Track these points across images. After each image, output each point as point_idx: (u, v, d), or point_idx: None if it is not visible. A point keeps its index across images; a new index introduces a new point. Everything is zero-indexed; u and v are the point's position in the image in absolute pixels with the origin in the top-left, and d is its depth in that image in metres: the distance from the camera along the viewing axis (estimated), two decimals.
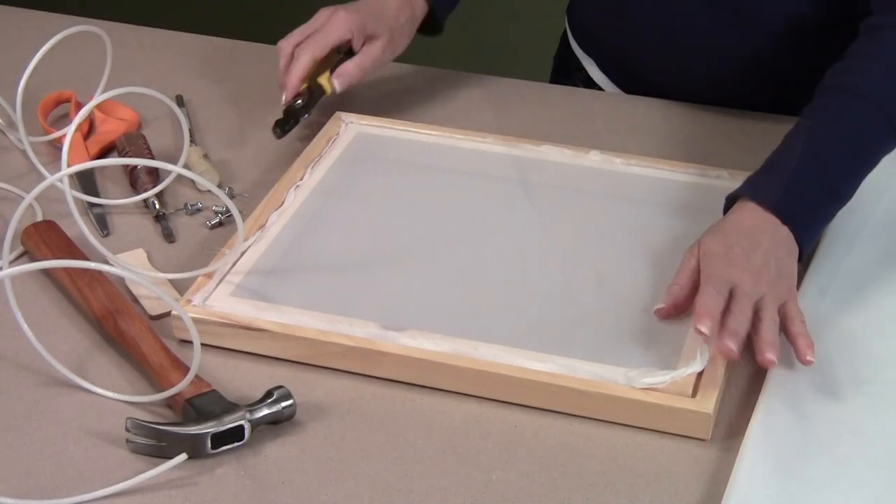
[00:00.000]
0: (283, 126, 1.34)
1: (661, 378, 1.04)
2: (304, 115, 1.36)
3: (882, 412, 1.03)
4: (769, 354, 1.05)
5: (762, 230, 1.11)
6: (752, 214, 1.12)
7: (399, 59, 1.55)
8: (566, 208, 1.25)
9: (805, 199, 1.13)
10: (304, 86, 1.39)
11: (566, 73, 1.56)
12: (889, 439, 1.01)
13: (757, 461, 0.99)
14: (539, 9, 2.15)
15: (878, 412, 1.03)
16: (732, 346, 1.04)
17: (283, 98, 1.35)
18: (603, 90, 1.50)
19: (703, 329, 1.04)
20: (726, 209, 1.16)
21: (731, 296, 1.07)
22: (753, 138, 1.38)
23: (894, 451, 1.01)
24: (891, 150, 1.17)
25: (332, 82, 1.36)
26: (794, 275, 1.11)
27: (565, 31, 1.57)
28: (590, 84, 1.52)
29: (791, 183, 1.13)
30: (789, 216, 1.12)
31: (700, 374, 1.05)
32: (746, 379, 1.08)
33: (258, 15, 3.10)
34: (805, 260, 1.15)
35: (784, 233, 1.11)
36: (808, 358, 1.06)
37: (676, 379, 1.04)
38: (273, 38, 1.69)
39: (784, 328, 1.08)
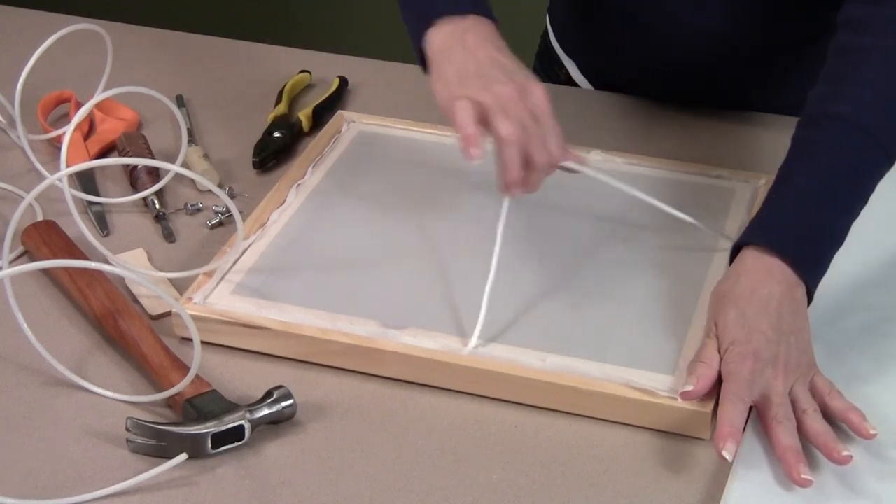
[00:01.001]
0: (262, 163, 1.35)
1: (661, 378, 1.05)
2: (282, 151, 1.36)
3: (881, 412, 1.03)
4: (844, 452, 0.98)
5: (779, 298, 1.05)
6: (765, 274, 1.06)
7: (400, 60, 1.56)
8: (567, 207, 1.25)
9: (816, 248, 1.08)
10: (283, 113, 1.40)
11: (549, 70, 1.55)
12: (889, 438, 1.01)
13: (756, 461, 0.99)
14: (521, 5, 2.15)
15: (877, 412, 1.03)
16: (808, 475, 0.96)
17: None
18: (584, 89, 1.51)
19: (727, 455, 0.97)
20: (733, 257, 1.10)
21: (766, 400, 1.01)
22: (753, 138, 1.38)
23: (894, 450, 1.01)
24: (883, 176, 1.11)
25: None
26: (810, 340, 1.06)
27: (546, 31, 1.57)
28: (570, 84, 1.52)
29: (802, 233, 1.08)
30: (804, 269, 1.06)
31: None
32: None
33: (258, 15, 3.10)
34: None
35: (798, 294, 1.06)
36: (872, 432, 0.99)
37: (676, 379, 1.04)
38: (273, 38, 1.69)
39: (823, 406, 1.02)
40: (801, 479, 0.96)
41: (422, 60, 1.18)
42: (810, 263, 1.07)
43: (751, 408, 1.02)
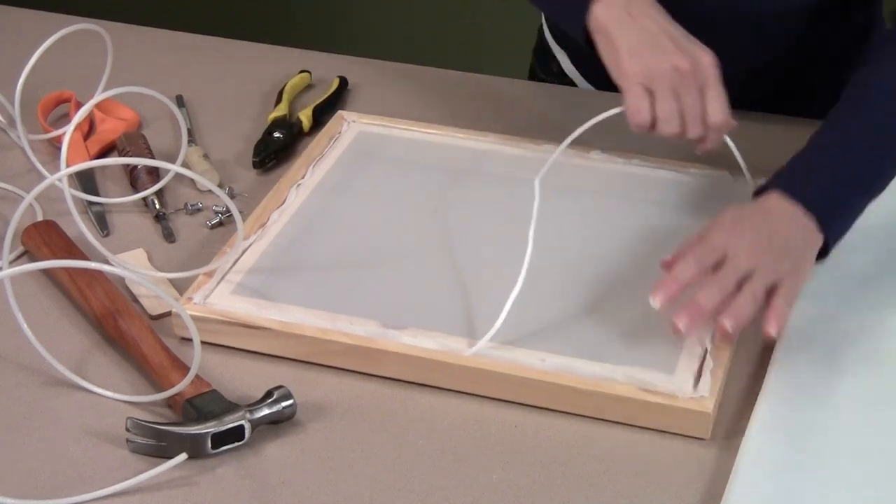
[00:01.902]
0: (262, 163, 1.35)
1: (661, 377, 1.05)
2: (282, 151, 1.36)
3: (882, 411, 1.03)
4: (724, 319, 1.04)
5: (783, 217, 1.11)
6: (776, 204, 1.12)
7: (400, 60, 1.56)
8: (567, 208, 1.25)
9: (831, 189, 1.13)
10: (283, 113, 1.40)
11: (544, 65, 1.55)
12: (888, 439, 1.01)
13: (757, 461, 0.99)
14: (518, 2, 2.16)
15: (877, 411, 1.03)
16: (682, 323, 1.04)
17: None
18: (575, 84, 1.50)
19: (654, 303, 1.05)
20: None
21: (719, 265, 1.07)
22: (754, 138, 1.37)
23: (893, 451, 1.01)
24: None
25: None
26: (805, 258, 1.10)
27: (542, 24, 1.57)
28: (563, 77, 1.52)
29: (817, 174, 1.14)
30: (814, 206, 1.11)
31: (700, 374, 1.05)
32: (746, 379, 1.08)
33: (258, 15, 3.10)
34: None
35: (807, 223, 1.11)
36: (769, 329, 1.05)
37: (676, 379, 1.04)
38: (273, 38, 1.69)
39: (767, 302, 1.06)
40: (675, 325, 1.04)
41: (584, 37, 1.21)
42: (819, 205, 1.11)
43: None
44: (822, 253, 1.13)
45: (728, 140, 1.23)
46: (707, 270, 1.07)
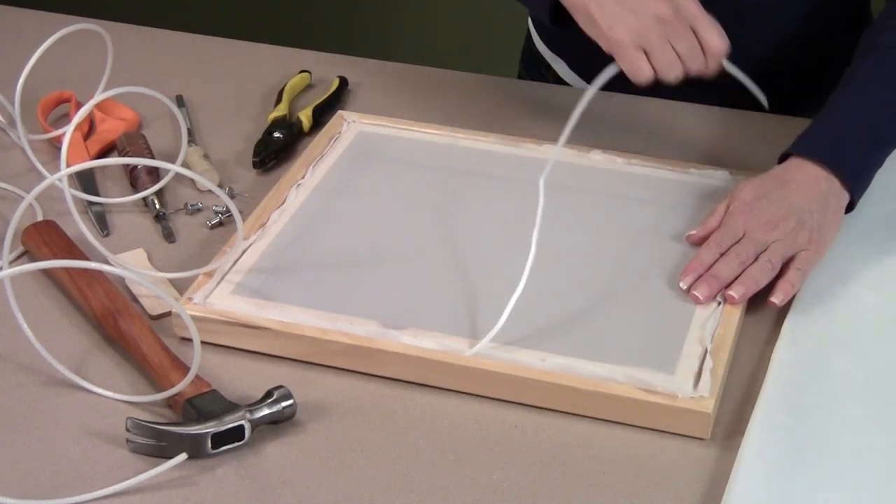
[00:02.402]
0: (262, 163, 1.35)
1: (661, 377, 1.05)
2: (282, 151, 1.36)
3: (882, 412, 1.03)
4: (731, 291, 1.10)
5: (800, 184, 1.15)
6: (796, 168, 1.16)
7: (399, 59, 1.56)
8: (567, 208, 1.25)
9: (848, 143, 1.17)
10: (283, 113, 1.40)
11: (534, 73, 1.55)
12: (888, 439, 1.01)
13: (757, 461, 0.99)
14: (502, 11, 2.15)
15: (877, 411, 1.03)
16: (701, 293, 1.11)
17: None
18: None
19: (682, 285, 1.12)
20: None
21: (738, 239, 1.13)
22: (754, 138, 1.38)
23: (893, 451, 1.01)
24: None
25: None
26: (826, 224, 1.14)
27: (528, 34, 1.56)
28: (560, 83, 1.52)
29: (836, 133, 1.18)
30: (833, 162, 1.15)
31: (700, 374, 1.05)
32: (746, 379, 1.08)
33: (258, 15, 3.10)
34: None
35: (825, 187, 1.15)
36: (772, 299, 1.11)
37: (676, 379, 1.04)
38: (273, 38, 1.69)
39: (782, 272, 1.12)
40: (689, 292, 1.11)
41: (552, 13, 1.23)
42: (838, 160, 1.15)
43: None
44: (848, 208, 1.18)
45: (736, 71, 1.21)
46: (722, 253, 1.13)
